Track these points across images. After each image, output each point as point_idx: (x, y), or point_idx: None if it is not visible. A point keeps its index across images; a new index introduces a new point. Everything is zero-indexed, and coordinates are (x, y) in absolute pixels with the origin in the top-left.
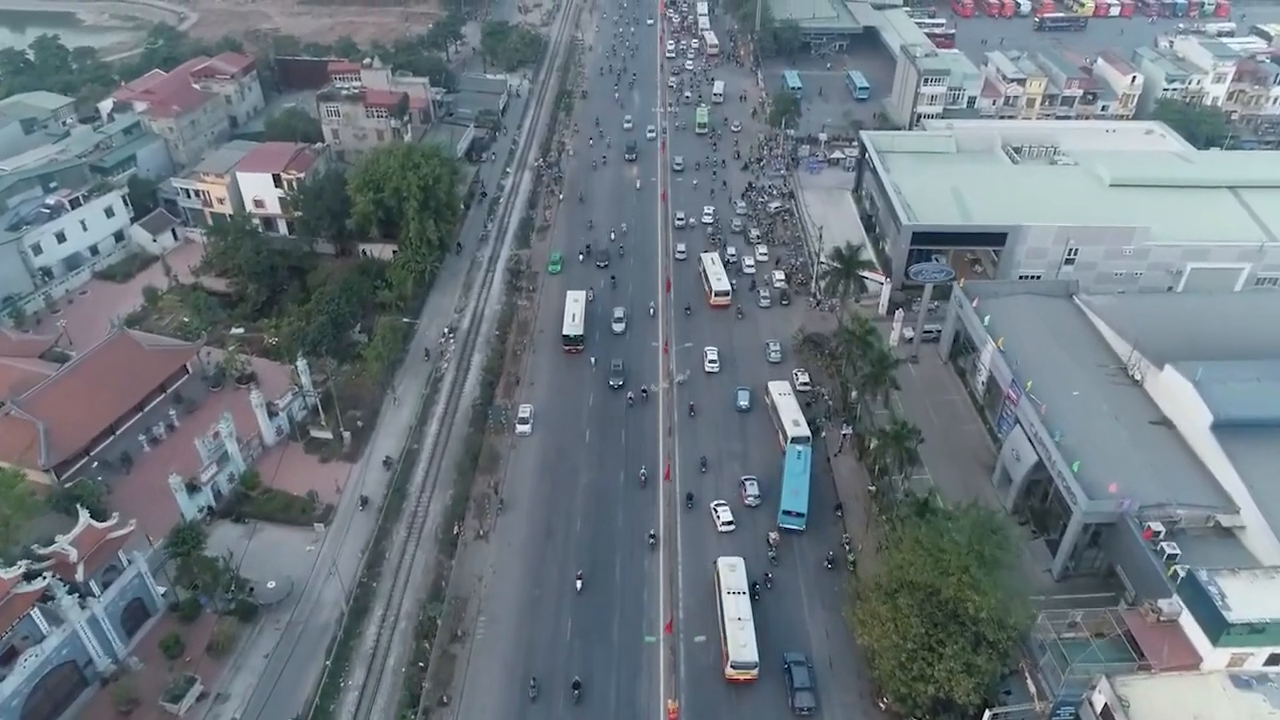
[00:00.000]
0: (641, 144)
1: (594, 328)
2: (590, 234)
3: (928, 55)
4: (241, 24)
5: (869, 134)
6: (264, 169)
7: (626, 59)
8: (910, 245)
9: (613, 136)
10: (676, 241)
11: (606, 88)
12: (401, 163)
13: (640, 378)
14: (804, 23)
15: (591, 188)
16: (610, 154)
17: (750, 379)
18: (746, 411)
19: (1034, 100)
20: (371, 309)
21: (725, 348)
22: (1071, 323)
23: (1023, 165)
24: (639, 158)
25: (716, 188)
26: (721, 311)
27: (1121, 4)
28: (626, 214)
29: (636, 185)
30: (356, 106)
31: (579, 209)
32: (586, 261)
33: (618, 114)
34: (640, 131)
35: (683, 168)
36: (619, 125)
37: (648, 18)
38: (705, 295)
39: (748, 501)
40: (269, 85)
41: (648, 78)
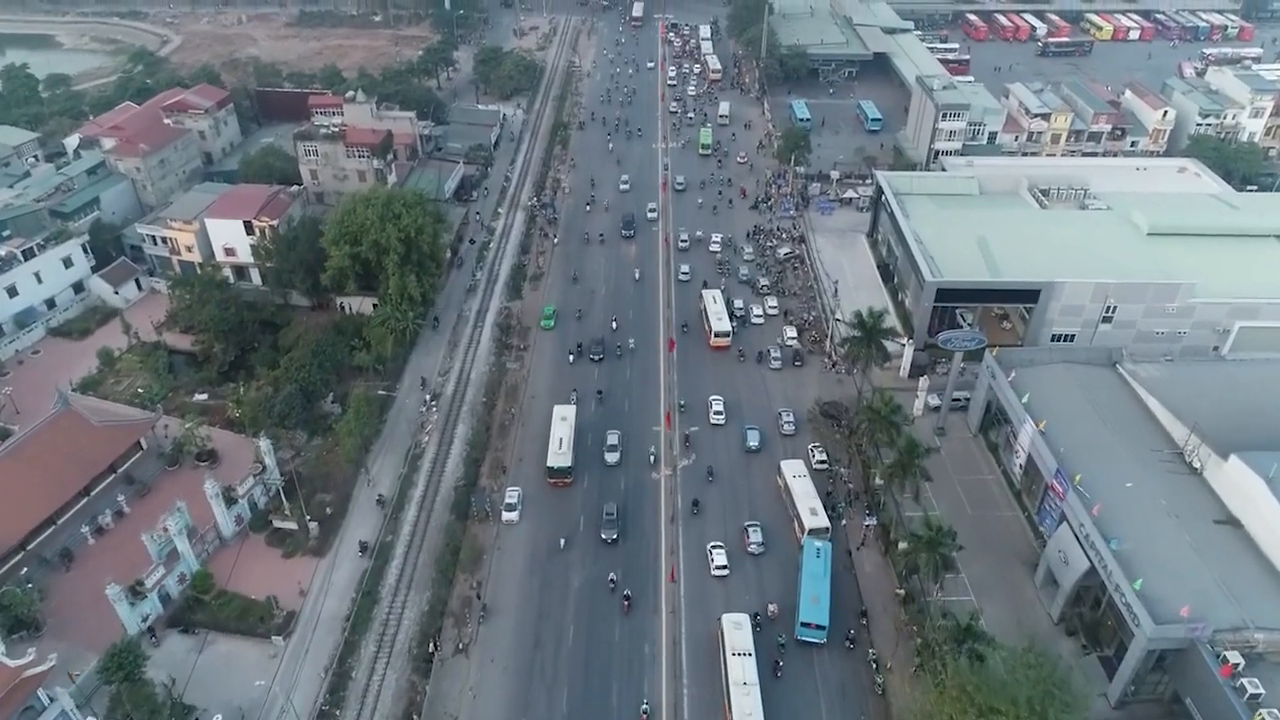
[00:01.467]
0: (640, 219)
1: (584, 454)
2: (581, 325)
3: (946, 88)
4: (225, 47)
5: (885, 175)
6: (235, 215)
7: (624, 103)
8: (934, 302)
9: (608, 192)
10: (680, 263)
11: (600, 141)
12: (381, 213)
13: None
14: (812, 49)
15: (584, 267)
16: (606, 221)
17: (761, 454)
18: (756, 452)
19: (1059, 136)
20: (348, 372)
21: (735, 417)
22: (1117, 397)
23: (1052, 210)
24: (637, 233)
25: (721, 205)
26: (723, 354)
27: (1141, 28)
28: (622, 304)
29: (635, 275)
30: (336, 146)
31: (572, 289)
32: (579, 361)
33: (613, 171)
34: (639, 198)
35: (685, 187)
36: (614, 184)
37: (648, 60)
38: (705, 334)
39: (750, 549)
40: (248, 117)
41: (648, 127)
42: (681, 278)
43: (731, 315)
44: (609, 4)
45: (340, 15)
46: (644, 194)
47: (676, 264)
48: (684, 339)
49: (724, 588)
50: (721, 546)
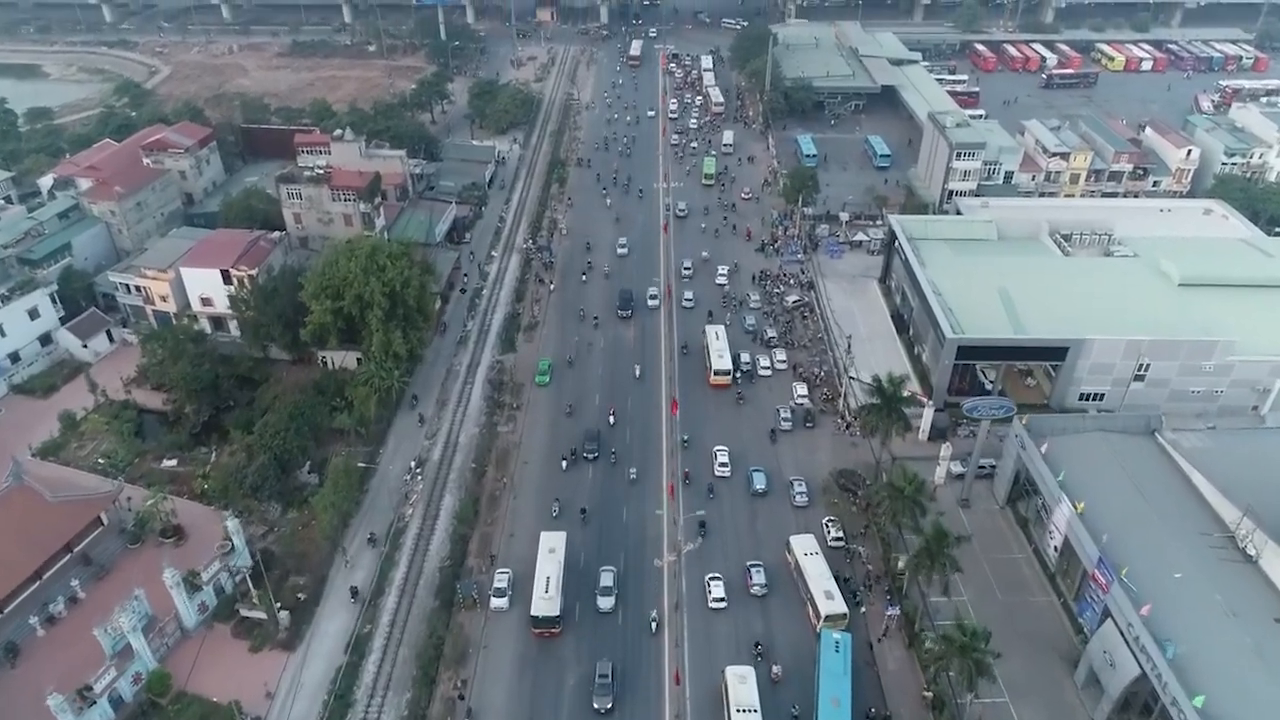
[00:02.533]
0: (640, 298)
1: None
2: (573, 421)
3: (959, 125)
4: (215, 78)
5: (899, 219)
6: (211, 264)
7: (623, 153)
8: (955, 360)
9: (604, 256)
10: (683, 290)
11: (596, 196)
12: (364, 265)
13: None
14: (817, 81)
15: (580, 355)
16: (602, 295)
17: (771, 528)
18: (763, 495)
19: (1078, 176)
20: (327, 435)
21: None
22: (1158, 471)
23: (1075, 258)
24: (636, 312)
25: (724, 231)
26: (723, 395)
27: (1154, 58)
28: (619, 395)
29: (635, 372)
30: (321, 189)
31: (567, 372)
32: (572, 468)
33: (610, 231)
34: (639, 267)
35: (686, 213)
36: (611, 246)
37: (648, 109)
38: (705, 372)
39: (753, 590)
40: (234, 153)
41: (649, 186)
42: (685, 304)
43: (738, 368)
44: (609, 33)
45: (334, 45)
46: (645, 259)
47: (680, 290)
48: (685, 378)
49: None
50: (719, 578)
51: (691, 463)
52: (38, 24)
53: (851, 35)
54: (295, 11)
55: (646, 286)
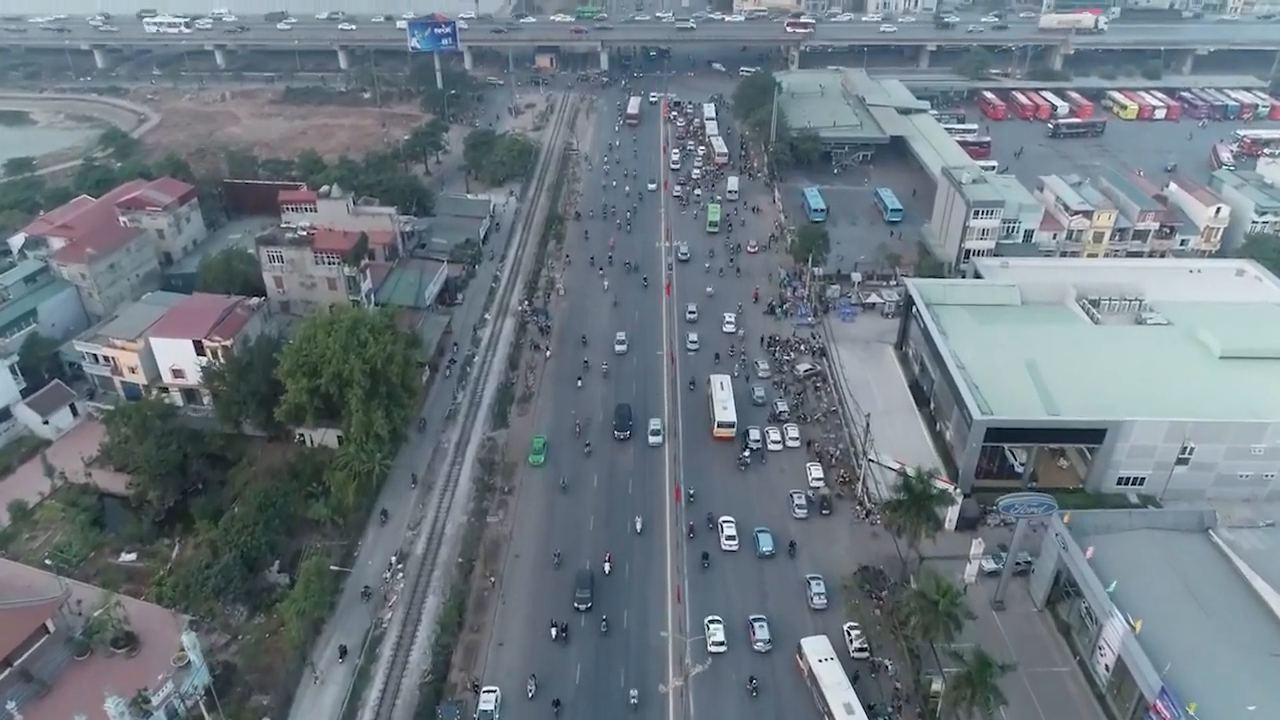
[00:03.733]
0: (640, 416)
1: None
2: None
3: (976, 182)
4: (205, 126)
5: (916, 283)
6: (183, 334)
7: (622, 228)
8: (983, 442)
9: (601, 352)
10: (688, 331)
11: (594, 280)
12: (344, 341)
13: None
14: (824, 131)
15: (573, 473)
16: (597, 404)
17: (785, 631)
18: (770, 558)
19: (1102, 234)
20: (301, 526)
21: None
22: (1216, 577)
23: (1105, 326)
24: (634, 432)
25: (728, 271)
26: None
27: (1167, 106)
28: (619, 545)
29: (637, 526)
30: (304, 252)
31: (562, 450)
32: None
33: (609, 322)
34: (640, 374)
35: (689, 257)
36: (608, 340)
37: (649, 181)
38: (709, 425)
39: (756, 646)
40: (218, 208)
41: (653, 275)
42: (690, 347)
43: (747, 445)
44: (609, 80)
45: (328, 92)
46: (645, 364)
47: (684, 333)
48: (689, 432)
49: None
50: (719, 621)
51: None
52: (27, 70)
53: (857, 83)
54: (290, 58)
55: (648, 403)
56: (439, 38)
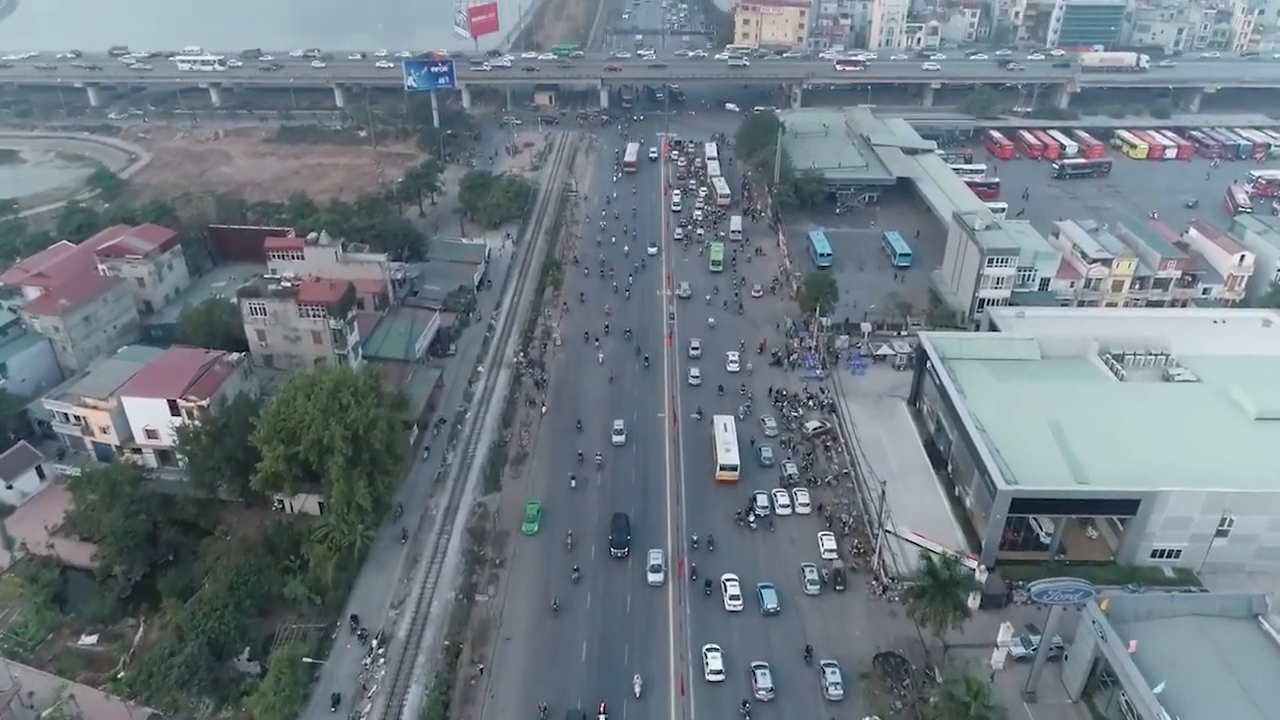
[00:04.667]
0: (640, 530)
1: None
2: None
3: (990, 228)
4: (197, 166)
5: (930, 337)
6: (157, 393)
7: (620, 291)
8: (1008, 513)
9: (596, 442)
10: (690, 366)
11: (589, 355)
12: (324, 405)
13: None
14: (829, 172)
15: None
16: (591, 514)
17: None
18: (775, 615)
19: (1121, 283)
20: (276, 605)
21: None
22: (1268, 668)
23: (1131, 383)
24: (631, 550)
25: (731, 306)
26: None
27: (1178, 145)
28: (609, 693)
29: (635, 689)
30: (288, 304)
31: (556, 519)
32: None
33: (605, 408)
34: (640, 475)
35: (690, 294)
36: (604, 429)
37: (649, 243)
38: (711, 467)
39: (759, 695)
40: (203, 253)
41: (655, 353)
42: (692, 381)
43: (753, 510)
44: (608, 118)
45: (323, 130)
46: (646, 457)
47: (686, 369)
48: (692, 476)
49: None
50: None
51: None
52: (18, 108)
53: (862, 122)
54: (285, 95)
55: (649, 511)
56: (435, 77)
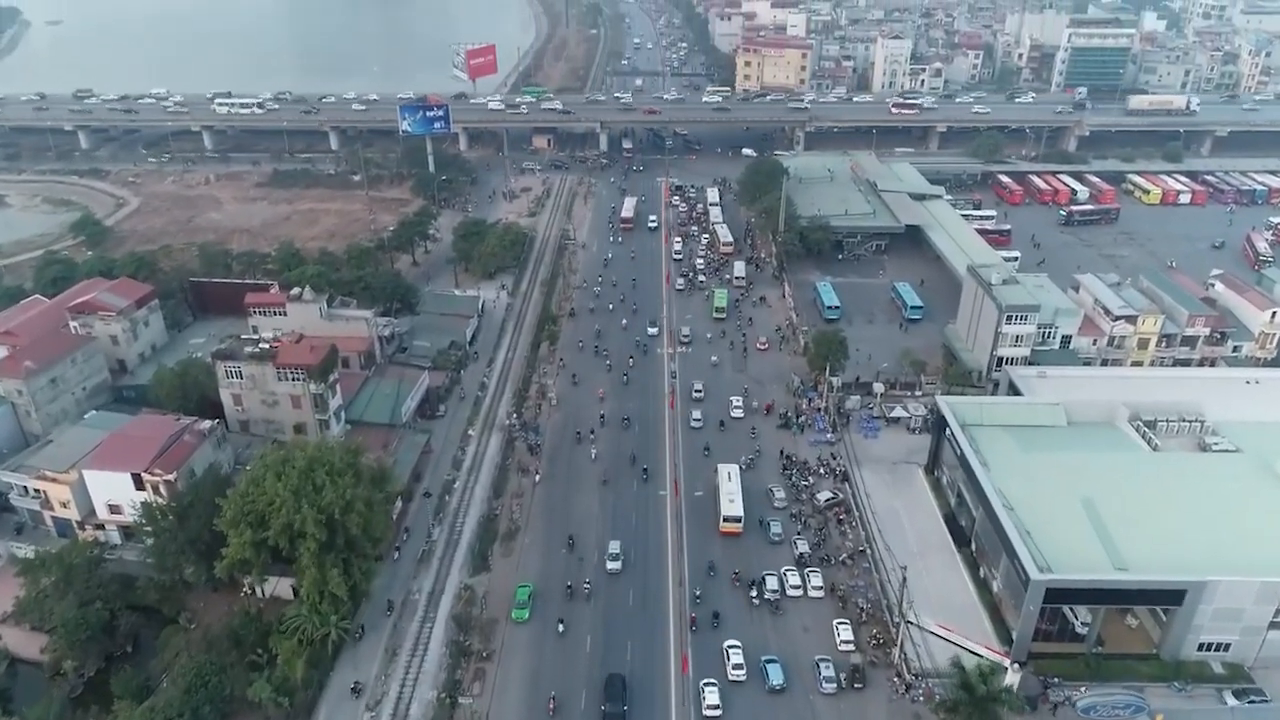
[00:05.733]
0: (635, 694)
1: None
2: None
3: (1007, 282)
4: (185, 211)
5: (949, 402)
6: (121, 465)
7: (619, 377)
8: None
9: (588, 566)
10: (691, 409)
11: (579, 458)
12: (296, 486)
13: None
14: (835, 220)
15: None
16: (579, 667)
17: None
18: (780, 692)
19: (1147, 341)
20: (241, 708)
21: None
22: None
23: (1165, 453)
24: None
25: (736, 352)
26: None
27: (1192, 191)
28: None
29: None
30: (265, 367)
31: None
32: None
33: (599, 526)
34: (639, 604)
35: (691, 339)
36: (598, 552)
37: (649, 325)
38: (715, 519)
39: None
40: (184, 306)
41: (652, 460)
42: (694, 424)
43: (761, 594)
44: (608, 161)
45: (316, 174)
46: (647, 591)
47: (688, 411)
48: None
49: None
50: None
51: None
52: (6, 151)
53: (868, 167)
54: (279, 138)
55: (652, 667)
56: (431, 121)
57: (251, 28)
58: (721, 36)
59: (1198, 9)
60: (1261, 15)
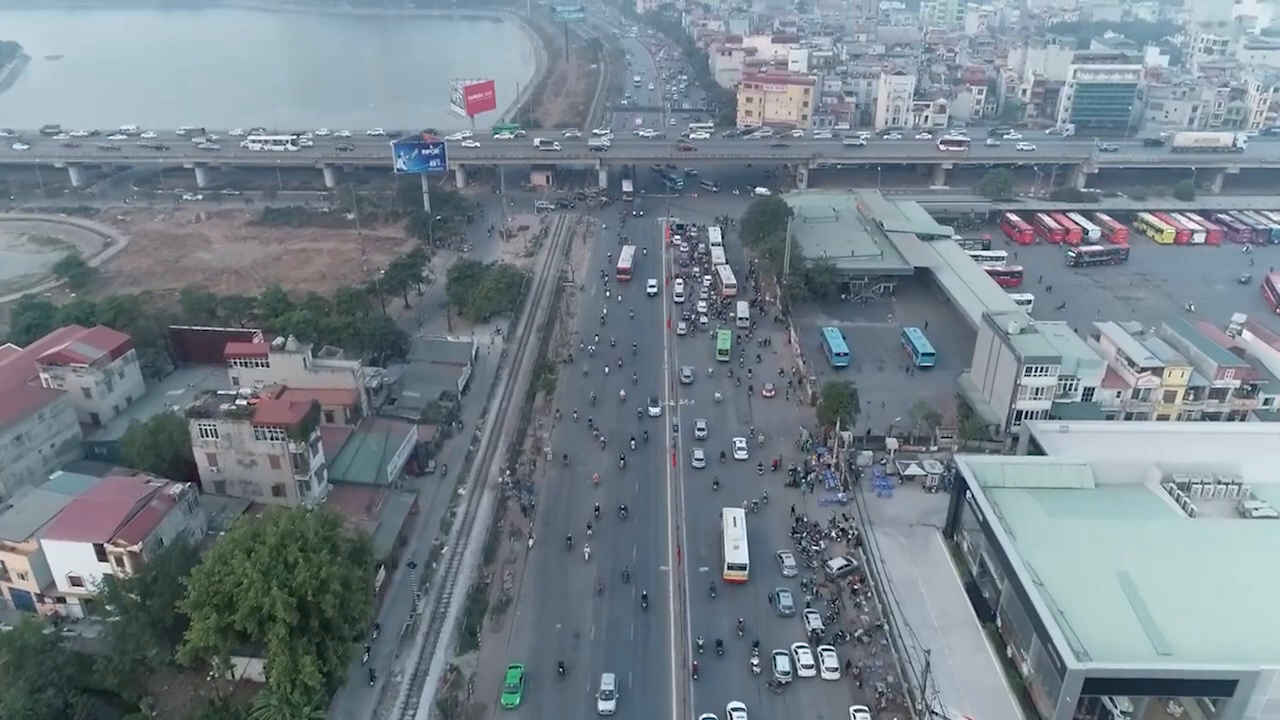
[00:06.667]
0: None
1: None
2: None
3: (1025, 332)
4: (174, 251)
5: (968, 462)
6: (83, 535)
7: (610, 448)
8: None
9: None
10: (694, 449)
11: (573, 573)
12: (266, 566)
13: None
14: (842, 262)
15: None
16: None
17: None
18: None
19: (1174, 394)
20: None
21: None
22: None
23: (1203, 521)
24: None
25: (742, 415)
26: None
27: (1206, 230)
28: None
29: None
30: (242, 425)
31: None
32: None
33: (588, 654)
34: None
35: (692, 380)
36: (590, 689)
37: (650, 400)
38: (719, 566)
39: None
40: (164, 354)
41: (652, 586)
42: (696, 464)
43: (772, 677)
44: (608, 199)
45: (310, 213)
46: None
47: (689, 450)
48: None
49: None
50: None
51: None
52: None
53: (874, 206)
54: (272, 175)
55: None
56: (426, 159)
57: (251, 61)
58: (722, 72)
59: (1199, 44)
60: (1266, 51)
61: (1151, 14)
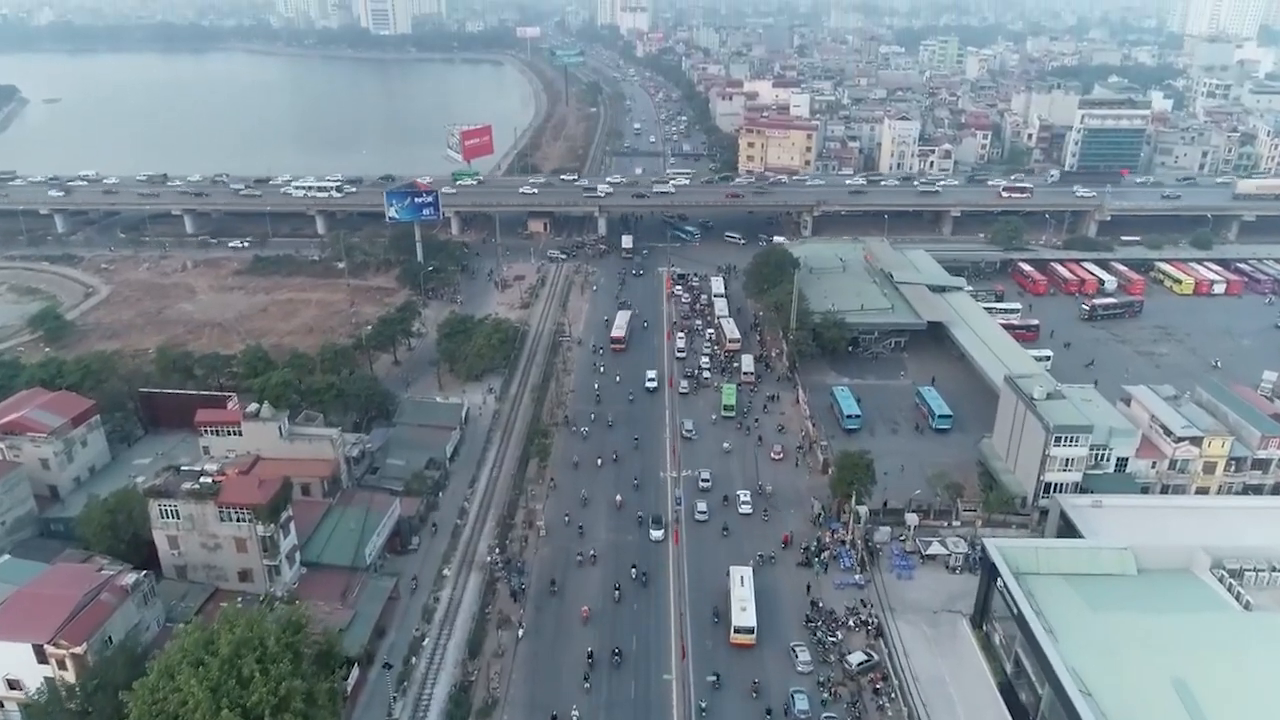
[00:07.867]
0: None
1: None
2: None
3: (1051, 397)
4: (157, 302)
5: (998, 546)
6: (21, 635)
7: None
8: None
9: None
10: (696, 501)
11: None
12: (216, 683)
13: None
14: (851, 316)
15: None
16: None
17: None
18: None
19: (1214, 465)
20: None
21: None
22: None
23: (1260, 615)
24: None
25: (749, 464)
26: None
27: (1227, 281)
28: None
29: None
30: (206, 506)
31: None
32: None
33: None
34: None
35: (695, 435)
36: None
37: (654, 523)
38: (726, 629)
39: None
40: (133, 420)
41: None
42: (699, 518)
43: None
44: (606, 248)
45: (299, 261)
46: None
47: (691, 503)
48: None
49: None
50: None
51: None
52: None
53: (881, 255)
54: (262, 221)
55: None
56: (419, 208)
57: (250, 104)
58: (723, 116)
59: (1201, 88)
60: (1272, 95)
61: (1151, 58)
